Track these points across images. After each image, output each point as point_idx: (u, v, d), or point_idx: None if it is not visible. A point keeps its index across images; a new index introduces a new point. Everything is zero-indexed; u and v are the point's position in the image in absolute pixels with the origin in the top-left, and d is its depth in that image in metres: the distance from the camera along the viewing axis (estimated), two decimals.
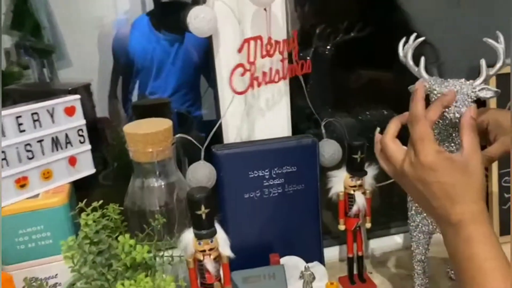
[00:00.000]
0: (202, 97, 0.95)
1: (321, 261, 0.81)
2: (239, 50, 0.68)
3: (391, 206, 0.93)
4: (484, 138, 0.65)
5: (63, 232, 0.65)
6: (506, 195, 0.88)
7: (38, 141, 0.64)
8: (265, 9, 0.69)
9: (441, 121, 0.58)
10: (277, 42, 0.70)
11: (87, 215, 0.58)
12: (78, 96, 0.68)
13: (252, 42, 0.67)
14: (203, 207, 0.56)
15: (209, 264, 0.59)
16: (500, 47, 0.57)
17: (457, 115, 0.54)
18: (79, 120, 0.69)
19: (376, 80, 0.96)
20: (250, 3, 0.68)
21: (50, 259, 0.65)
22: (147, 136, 0.66)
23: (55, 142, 0.66)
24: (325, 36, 0.91)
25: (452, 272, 0.79)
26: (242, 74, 0.69)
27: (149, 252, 0.57)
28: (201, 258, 0.59)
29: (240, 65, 0.68)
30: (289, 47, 0.71)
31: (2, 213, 0.61)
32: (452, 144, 0.59)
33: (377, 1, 0.95)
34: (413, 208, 0.68)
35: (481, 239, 0.47)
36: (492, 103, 0.83)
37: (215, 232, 0.58)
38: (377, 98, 0.94)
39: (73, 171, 0.69)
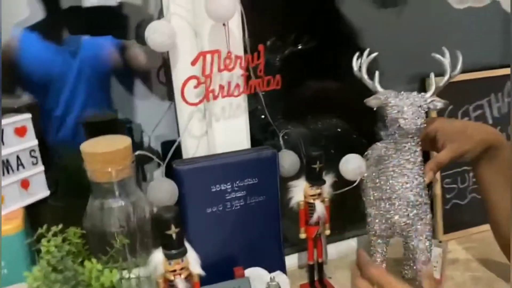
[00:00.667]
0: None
1: (283, 270, 0.82)
2: (193, 63, 0.67)
3: (344, 212, 0.96)
4: (433, 145, 0.70)
5: (19, 260, 0.61)
6: (447, 196, 0.95)
7: None
8: (223, 24, 0.69)
9: (397, 132, 0.62)
10: (237, 56, 0.70)
11: (48, 241, 0.55)
12: (29, 115, 0.65)
13: (208, 56, 0.67)
14: (173, 227, 0.56)
15: (181, 284, 0.58)
16: (447, 61, 0.62)
17: (413, 126, 0.58)
18: (31, 141, 0.65)
19: (324, 90, 0.99)
20: (208, 18, 0.69)
21: None
22: (106, 155, 0.63)
23: (6, 166, 0.62)
24: (275, 49, 0.94)
25: (406, 272, 0.84)
26: (196, 87, 0.68)
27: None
28: (172, 278, 0.58)
29: (194, 77, 0.68)
30: (253, 63, 0.71)
31: None
32: (407, 154, 0.63)
33: (322, 15, 0.99)
34: (372, 214, 0.72)
35: None
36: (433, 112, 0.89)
37: (186, 252, 0.57)
38: (325, 108, 0.98)
39: (25, 195, 0.65)
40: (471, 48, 0.74)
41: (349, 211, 0.98)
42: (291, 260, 0.89)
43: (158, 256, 0.58)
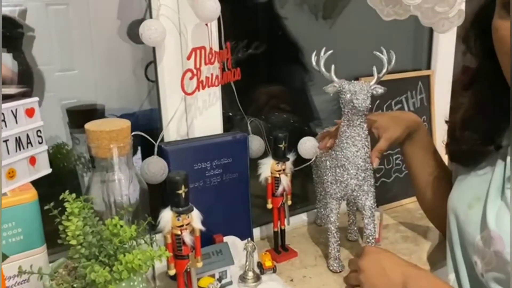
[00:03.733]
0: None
1: (252, 238, 0.96)
2: (188, 58, 0.80)
3: (294, 190, 1.12)
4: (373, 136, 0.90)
5: (34, 227, 0.67)
6: (376, 175, 1.16)
7: (4, 141, 0.66)
8: (206, 24, 0.82)
9: (350, 111, 0.79)
10: (216, 52, 0.84)
11: (71, 204, 0.63)
12: (36, 98, 0.72)
13: (199, 51, 0.80)
14: (183, 187, 0.67)
15: (187, 237, 0.69)
16: (385, 58, 0.81)
17: (364, 105, 0.76)
18: (38, 122, 0.72)
19: (284, 88, 1.15)
20: (191, 18, 0.81)
21: (21, 255, 0.67)
22: (111, 133, 0.73)
23: (18, 143, 0.69)
24: (236, 51, 1.08)
25: (350, 235, 1.02)
26: (191, 78, 0.80)
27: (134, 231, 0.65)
28: (179, 233, 0.69)
29: (189, 70, 0.80)
30: (224, 57, 0.85)
31: None
32: (359, 129, 0.80)
33: (270, 24, 1.15)
34: (328, 180, 0.87)
35: None
36: None
37: (192, 208, 0.69)
38: (278, 102, 1.14)
39: (33, 171, 0.72)
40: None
41: (298, 190, 1.14)
42: (255, 233, 1.03)
43: (167, 214, 0.68)
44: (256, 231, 1.03)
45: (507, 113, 0.67)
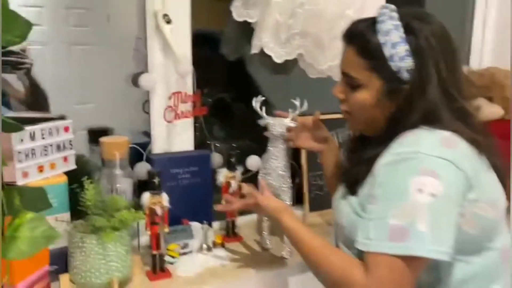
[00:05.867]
0: None
1: (210, 224, 1.35)
2: (170, 98, 1.23)
3: None
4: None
5: (63, 199, 1.08)
6: (312, 188, 1.55)
7: (50, 145, 1.09)
8: (183, 77, 1.26)
9: (272, 136, 1.20)
10: (189, 95, 1.27)
11: (88, 184, 1.04)
12: (71, 120, 1.15)
13: (177, 95, 1.23)
14: (157, 178, 1.08)
15: (158, 210, 1.09)
16: (297, 103, 1.22)
17: (279, 132, 1.17)
18: (70, 135, 1.14)
19: (237, 122, 1.58)
20: (173, 73, 1.25)
21: (54, 216, 1.07)
22: (116, 144, 1.15)
23: (59, 147, 1.11)
24: (210, 95, 1.52)
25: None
26: (171, 111, 1.23)
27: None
28: (153, 207, 1.09)
29: (169, 106, 1.23)
30: (195, 98, 1.28)
31: (33, 185, 1.03)
32: (279, 149, 1.21)
33: (236, 75, 1.59)
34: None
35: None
36: None
37: (162, 192, 1.09)
38: (237, 132, 1.56)
39: (65, 166, 1.14)
40: (318, 99, 1.36)
41: None
42: (217, 224, 1.42)
43: (146, 195, 1.09)
44: (217, 224, 1.43)
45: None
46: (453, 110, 0.86)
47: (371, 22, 0.91)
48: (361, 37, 0.91)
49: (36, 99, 1.27)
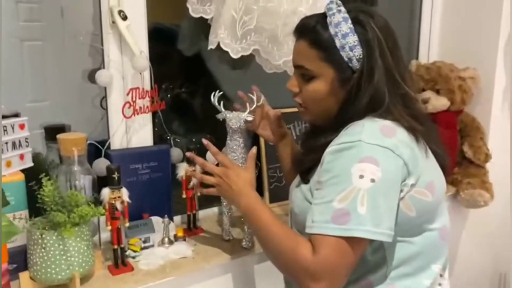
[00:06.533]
0: None
1: (170, 218, 1.37)
2: (127, 94, 1.23)
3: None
4: None
5: (21, 196, 1.07)
6: (271, 180, 1.59)
7: (6, 143, 1.07)
8: (140, 73, 1.27)
9: (230, 130, 1.23)
10: (147, 91, 1.28)
11: (45, 181, 1.04)
12: (26, 118, 1.13)
13: (134, 90, 1.24)
14: (116, 173, 1.09)
15: (118, 205, 1.10)
16: (254, 98, 1.26)
17: (236, 126, 1.20)
18: (26, 132, 1.13)
19: (196, 116, 1.60)
20: (130, 69, 1.26)
21: (12, 214, 1.06)
22: (74, 140, 1.15)
23: (14, 145, 1.10)
24: (168, 90, 1.53)
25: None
26: (129, 108, 1.24)
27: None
28: (113, 202, 1.10)
29: (128, 102, 1.24)
30: (153, 94, 1.29)
31: None
32: (237, 142, 1.24)
33: (193, 70, 1.61)
34: None
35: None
36: None
37: (122, 186, 1.10)
38: (196, 126, 1.58)
39: (21, 163, 1.12)
40: (276, 93, 1.40)
41: None
42: (178, 219, 1.44)
43: (105, 190, 1.10)
44: (179, 218, 1.45)
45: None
46: (397, 96, 0.93)
47: (322, 16, 0.97)
48: (313, 30, 0.96)
49: None
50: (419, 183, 0.88)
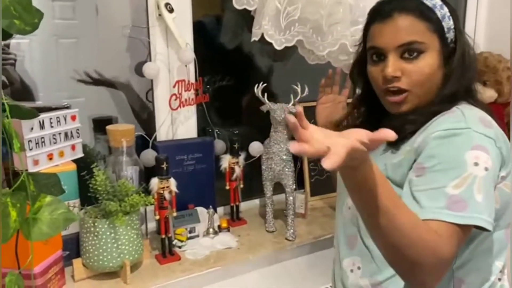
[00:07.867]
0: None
1: (214, 209, 1.38)
2: (173, 86, 1.25)
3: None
4: None
5: (73, 186, 1.10)
6: (312, 174, 1.58)
7: (59, 133, 1.11)
8: (186, 65, 1.28)
9: (274, 122, 1.23)
10: (192, 83, 1.29)
11: (97, 171, 1.07)
12: (77, 109, 1.16)
13: (180, 82, 1.25)
14: (165, 163, 1.11)
15: (167, 195, 1.12)
16: (298, 89, 1.25)
17: (281, 117, 1.20)
18: (77, 124, 1.16)
19: (238, 108, 1.60)
20: (176, 62, 1.27)
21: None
22: (122, 132, 1.17)
23: (67, 135, 1.13)
24: (211, 82, 1.54)
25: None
26: (175, 99, 1.26)
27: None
28: (162, 192, 1.12)
29: (174, 94, 1.25)
30: (198, 86, 1.30)
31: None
32: (281, 134, 1.24)
33: (236, 62, 1.61)
34: (264, 167, 1.31)
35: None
36: None
37: (170, 177, 1.12)
38: (238, 118, 1.59)
39: (73, 154, 1.16)
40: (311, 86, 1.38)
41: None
42: (221, 210, 1.45)
43: (154, 180, 1.12)
44: (222, 209, 1.46)
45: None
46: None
47: None
48: (417, 3, 0.94)
49: (21, 95, 1.28)
50: (508, 175, 0.86)
